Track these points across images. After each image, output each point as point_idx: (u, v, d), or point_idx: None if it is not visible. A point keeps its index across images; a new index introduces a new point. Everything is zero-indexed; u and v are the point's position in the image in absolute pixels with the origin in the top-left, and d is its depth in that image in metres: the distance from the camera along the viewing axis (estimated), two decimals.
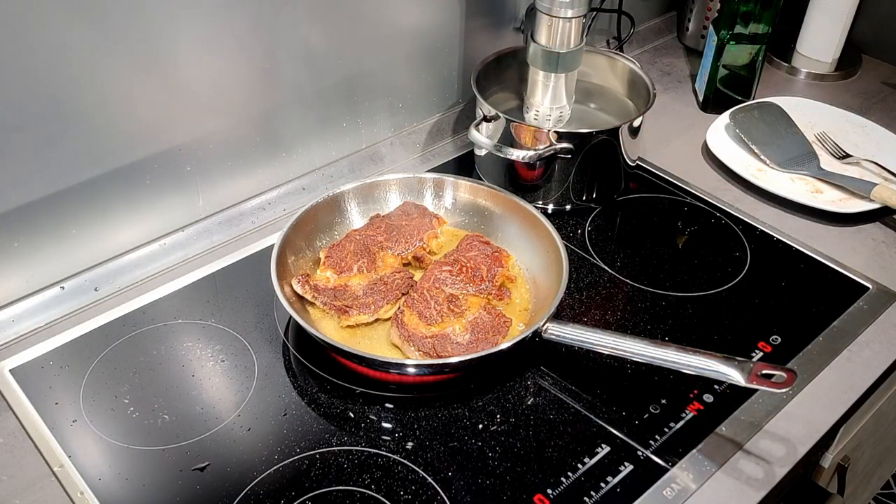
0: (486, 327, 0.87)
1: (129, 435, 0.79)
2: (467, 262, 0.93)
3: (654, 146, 1.19)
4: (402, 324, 0.87)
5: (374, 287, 0.91)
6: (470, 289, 0.91)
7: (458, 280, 0.91)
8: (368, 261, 0.94)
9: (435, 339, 0.86)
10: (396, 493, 0.75)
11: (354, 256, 0.94)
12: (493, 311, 0.89)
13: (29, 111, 0.81)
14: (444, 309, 0.88)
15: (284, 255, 0.91)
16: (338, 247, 0.95)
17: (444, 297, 0.89)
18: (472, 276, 0.91)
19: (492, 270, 0.92)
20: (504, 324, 0.87)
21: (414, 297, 0.89)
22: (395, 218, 0.99)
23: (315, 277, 0.93)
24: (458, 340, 0.86)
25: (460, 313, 0.88)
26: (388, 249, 0.96)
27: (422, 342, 0.85)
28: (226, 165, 1.01)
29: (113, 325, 0.90)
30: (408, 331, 0.86)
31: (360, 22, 1.04)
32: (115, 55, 0.84)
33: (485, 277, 0.91)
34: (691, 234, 1.07)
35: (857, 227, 1.08)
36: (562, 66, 1.04)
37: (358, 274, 0.93)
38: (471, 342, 0.85)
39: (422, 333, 0.86)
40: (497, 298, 0.91)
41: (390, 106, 1.14)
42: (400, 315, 0.88)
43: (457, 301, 0.89)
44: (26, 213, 0.86)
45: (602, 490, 0.75)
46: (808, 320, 0.94)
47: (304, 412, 0.82)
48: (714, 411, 0.83)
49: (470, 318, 0.88)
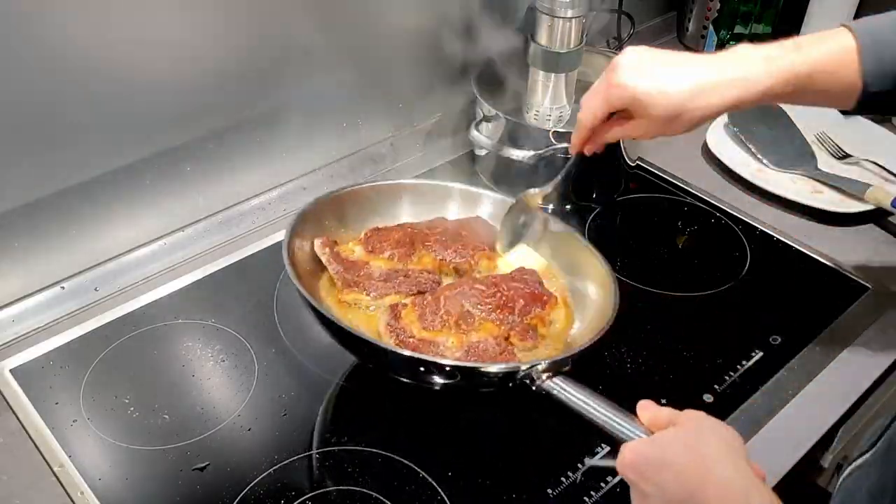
0: (485, 356, 0.76)
1: (129, 435, 0.79)
2: (507, 290, 0.82)
3: (654, 146, 1.19)
4: (396, 315, 0.79)
5: (393, 275, 0.85)
6: (493, 315, 0.80)
7: (486, 302, 0.80)
8: (405, 252, 0.88)
9: (422, 342, 0.77)
10: (396, 493, 0.74)
11: (394, 244, 0.88)
12: (503, 345, 0.77)
13: (29, 111, 0.81)
14: (450, 321, 0.79)
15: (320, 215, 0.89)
16: (383, 230, 0.90)
17: (459, 311, 0.79)
18: (502, 304, 0.80)
19: (528, 307, 0.81)
20: (508, 356, 0.77)
21: (426, 299, 0.81)
22: (457, 226, 0.92)
23: (340, 246, 0.88)
24: (446, 354, 0.77)
25: (465, 331, 0.79)
26: (433, 252, 0.89)
27: (406, 340, 0.77)
28: (226, 165, 1.00)
29: (113, 325, 0.90)
30: (398, 323, 0.78)
31: (361, 22, 1.04)
32: (115, 54, 0.84)
33: (516, 311, 0.80)
34: (691, 234, 1.07)
35: (857, 227, 1.08)
36: (562, 66, 1.04)
37: (387, 260, 0.87)
38: (463, 359, 0.76)
39: (410, 332, 0.78)
40: (520, 338, 0.79)
41: (390, 106, 1.14)
42: (399, 307, 0.81)
43: (469, 319, 0.79)
44: (26, 213, 0.86)
45: (602, 490, 0.75)
46: (808, 320, 0.93)
47: (304, 412, 0.82)
48: (714, 411, 0.81)
49: (473, 339, 0.78)
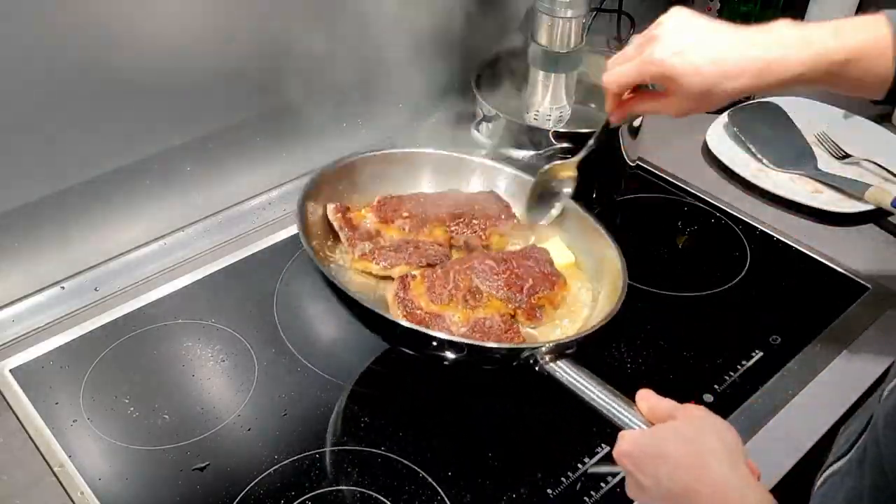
0: (490, 332, 0.77)
1: (129, 435, 0.79)
2: (517, 268, 0.83)
3: (654, 146, 1.19)
4: (405, 286, 0.80)
5: (403, 245, 0.85)
6: (502, 292, 0.81)
7: (496, 278, 0.82)
8: (416, 223, 0.88)
9: (429, 315, 0.78)
10: (396, 493, 0.74)
11: (406, 213, 0.88)
12: (509, 323, 0.79)
13: (29, 111, 0.81)
14: (458, 295, 0.80)
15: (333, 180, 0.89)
16: (396, 198, 0.90)
17: (468, 285, 0.81)
18: (511, 282, 0.82)
19: (536, 287, 0.82)
20: (514, 336, 0.78)
21: (436, 272, 0.82)
22: (470, 200, 0.92)
23: (353, 212, 0.89)
24: (451, 329, 0.78)
25: (472, 307, 0.80)
26: (445, 225, 0.89)
27: (413, 312, 0.78)
28: (226, 165, 1.01)
29: (113, 325, 0.90)
30: (406, 295, 0.79)
31: (361, 22, 1.03)
32: (115, 54, 0.84)
33: (524, 290, 0.81)
34: (691, 234, 1.07)
35: (857, 226, 1.08)
36: (562, 66, 1.04)
37: (398, 229, 0.88)
38: (468, 335, 0.77)
39: (418, 304, 0.79)
40: (526, 317, 0.81)
41: (390, 106, 1.14)
42: (409, 278, 0.81)
43: (478, 295, 0.81)
44: (26, 213, 0.86)
45: (602, 490, 0.75)
46: (808, 320, 0.93)
47: (304, 412, 0.82)
48: (714, 411, 0.81)
49: (480, 315, 0.79)
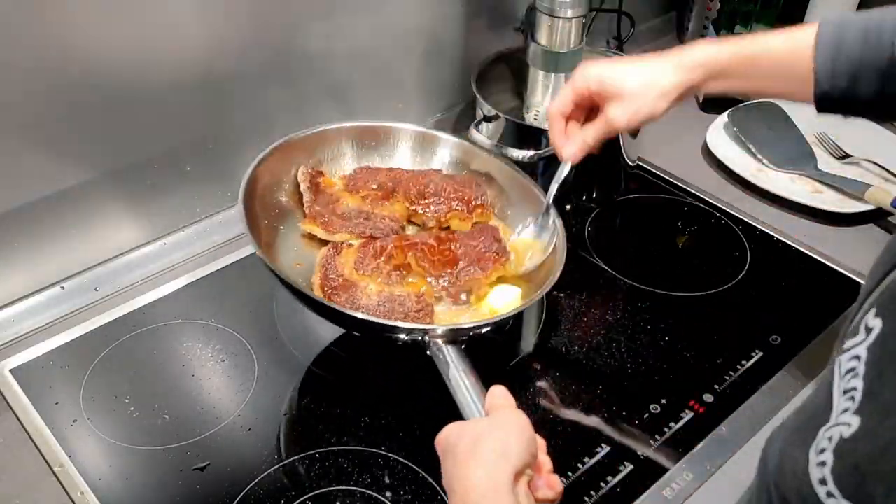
0: (400, 307, 0.77)
1: (129, 435, 0.79)
2: (457, 248, 0.84)
3: (654, 146, 1.19)
4: (337, 251, 0.82)
5: (355, 213, 0.87)
6: (430, 272, 0.83)
7: (430, 258, 0.83)
8: (380, 196, 0.89)
9: (344, 283, 0.79)
10: (396, 493, 0.74)
11: (374, 184, 0.90)
12: (422, 300, 0.80)
13: (29, 112, 0.81)
14: (384, 269, 0.81)
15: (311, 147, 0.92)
16: (372, 170, 0.93)
17: (400, 262, 0.82)
18: (443, 262, 0.83)
19: (468, 269, 0.83)
20: (423, 317, 0.77)
21: (375, 244, 0.83)
22: (446, 181, 0.92)
23: (325, 178, 0.91)
24: (362, 301, 0.78)
25: (394, 283, 0.80)
26: (410, 201, 0.90)
27: (328, 277, 0.79)
28: (225, 165, 1.00)
29: (113, 325, 0.90)
30: (333, 260, 0.81)
31: (361, 21, 1.04)
32: (116, 55, 0.84)
33: (456, 272, 0.83)
34: (691, 234, 1.07)
35: (857, 226, 1.08)
36: (562, 66, 1.04)
37: (360, 199, 0.89)
38: (372, 308, 0.77)
39: (340, 271, 0.80)
40: (452, 300, 0.82)
41: (390, 106, 1.14)
42: (344, 245, 0.84)
43: (405, 271, 0.82)
44: (26, 213, 0.86)
45: (602, 490, 0.75)
46: (808, 320, 0.93)
47: (303, 412, 0.82)
48: (714, 411, 0.83)
49: (396, 292, 0.79)
